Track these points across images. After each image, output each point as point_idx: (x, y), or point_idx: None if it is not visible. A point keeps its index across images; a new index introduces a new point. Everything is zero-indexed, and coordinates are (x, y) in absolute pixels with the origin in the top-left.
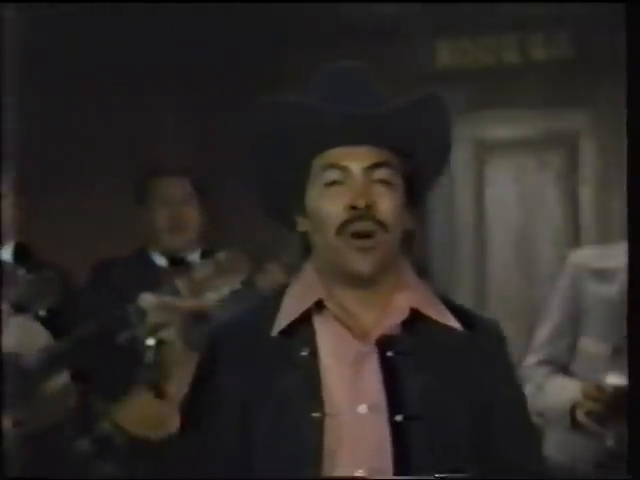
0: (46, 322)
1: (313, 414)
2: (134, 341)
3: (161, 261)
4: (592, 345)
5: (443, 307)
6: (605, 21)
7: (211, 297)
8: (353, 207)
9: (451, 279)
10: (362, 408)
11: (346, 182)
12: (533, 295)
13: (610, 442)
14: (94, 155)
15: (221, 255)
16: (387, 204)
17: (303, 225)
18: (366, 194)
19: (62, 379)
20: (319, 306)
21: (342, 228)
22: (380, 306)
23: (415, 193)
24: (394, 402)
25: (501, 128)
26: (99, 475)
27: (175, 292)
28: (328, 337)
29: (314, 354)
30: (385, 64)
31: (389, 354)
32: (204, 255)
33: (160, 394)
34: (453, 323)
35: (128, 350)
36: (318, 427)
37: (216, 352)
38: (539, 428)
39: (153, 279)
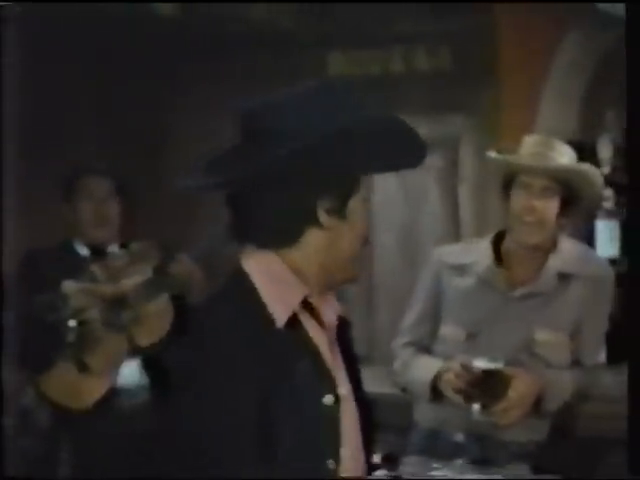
0: None
1: (326, 398)
2: (59, 323)
3: (84, 251)
4: (450, 330)
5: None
6: (478, 35)
7: (126, 283)
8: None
9: None
10: (344, 390)
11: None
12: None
13: (476, 414)
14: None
15: (134, 245)
16: None
17: (329, 222)
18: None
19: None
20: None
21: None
22: (327, 301)
23: None
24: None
25: None
26: (20, 451)
27: (94, 278)
28: (311, 328)
29: (314, 342)
30: (281, 72)
31: (343, 340)
32: (122, 247)
33: (82, 368)
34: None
35: (54, 331)
36: (335, 409)
37: (224, 346)
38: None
39: (76, 268)
